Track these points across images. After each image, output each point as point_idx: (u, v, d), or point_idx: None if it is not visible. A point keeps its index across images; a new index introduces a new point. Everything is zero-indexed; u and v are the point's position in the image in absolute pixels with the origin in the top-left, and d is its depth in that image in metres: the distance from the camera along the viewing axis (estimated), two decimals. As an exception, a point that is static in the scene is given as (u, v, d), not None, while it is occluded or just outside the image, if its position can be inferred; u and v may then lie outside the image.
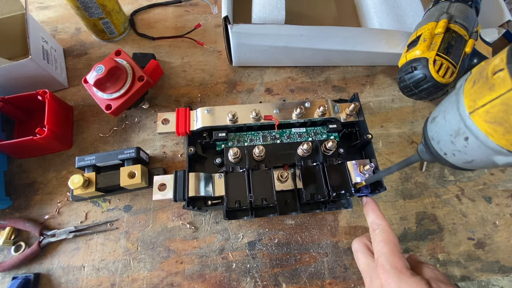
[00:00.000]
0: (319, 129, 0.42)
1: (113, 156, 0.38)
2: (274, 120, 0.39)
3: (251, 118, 0.39)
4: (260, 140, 0.41)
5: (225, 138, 0.39)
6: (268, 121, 0.39)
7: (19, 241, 0.38)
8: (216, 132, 0.39)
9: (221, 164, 0.38)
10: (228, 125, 0.39)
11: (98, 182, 0.37)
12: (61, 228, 0.38)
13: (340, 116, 0.41)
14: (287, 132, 0.42)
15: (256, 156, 0.36)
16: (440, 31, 0.35)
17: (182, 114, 0.40)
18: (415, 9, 0.48)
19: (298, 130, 0.42)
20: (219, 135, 0.38)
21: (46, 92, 0.39)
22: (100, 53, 0.49)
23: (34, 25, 0.42)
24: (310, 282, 0.36)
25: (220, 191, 0.36)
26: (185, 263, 0.37)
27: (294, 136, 0.41)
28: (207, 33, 0.52)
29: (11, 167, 0.41)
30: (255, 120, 0.39)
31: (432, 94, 0.37)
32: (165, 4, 0.54)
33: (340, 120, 0.41)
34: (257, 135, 0.41)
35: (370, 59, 0.48)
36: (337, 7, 0.55)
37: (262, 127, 0.41)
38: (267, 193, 0.34)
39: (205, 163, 0.40)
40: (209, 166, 0.40)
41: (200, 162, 0.40)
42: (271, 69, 0.49)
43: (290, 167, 0.38)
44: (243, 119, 0.39)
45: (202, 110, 0.39)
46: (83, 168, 0.38)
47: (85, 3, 0.42)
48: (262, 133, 0.41)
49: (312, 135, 0.42)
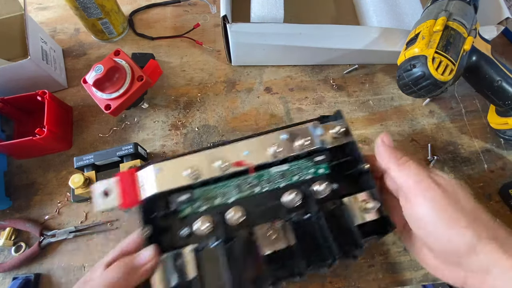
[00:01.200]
0: (304, 163, 0.32)
1: (111, 154, 0.37)
2: (246, 165, 0.30)
3: (216, 168, 0.30)
4: (235, 191, 0.31)
5: (189, 198, 0.30)
6: (238, 167, 0.30)
7: (19, 242, 0.38)
8: (175, 196, 0.29)
9: (190, 234, 0.29)
10: (190, 183, 0.29)
11: (98, 180, 0.37)
12: (61, 229, 0.38)
13: (325, 139, 0.32)
14: (266, 175, 0.32)
15: (235, 221, 0.28)
16: (439, 29, 0.35)
17: (127, 179, 0.30)
18: (414, 7, 0.48)
19: (279, 168, 0.32)
20: (178, 200, 0.29)
21: (46, 93, 0.39)
22: (99, 53, 0.49)
23: (33, 25, 0.42)
24: (310, 280, 0.36)
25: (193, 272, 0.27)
26: None
27: (275, 177, 0.32)
28: (206, 33, 0.52)
29: (11, 167, 0.41)
30: (222, 170, 0.30)
31: (431, 91, 0.37)
32: (164, 4, 0.54)
33: (326, 148, 0.32)
34: (229, 186, 0.31)
35: (369, 57, 0.48)
36: (335, 5, 0.55)
37: (234, 174, 0.31)
38: (254, 268, 0.27)
39: (169, 237, 0.29)
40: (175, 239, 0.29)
41: (163, 232, 0.29)
42: (270, 68, 0.49)
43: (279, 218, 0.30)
44: (207, 171, 0.30)
45: (152, 170, 0.29)
46: (82, 168, 0.38)
47: (84, 4, 0.42)
48: (236, 180, 0.31)
49: (297, 172, 0.32)
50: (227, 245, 0.27)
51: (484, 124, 0.46)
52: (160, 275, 0.27)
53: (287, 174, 0.32)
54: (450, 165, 0.43)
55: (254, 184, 0.31)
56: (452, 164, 0.43)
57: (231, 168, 0.30)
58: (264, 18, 0.41)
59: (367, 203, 0.29)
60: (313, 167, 0.33)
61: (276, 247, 0.28)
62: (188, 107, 0.46)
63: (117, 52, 0.40)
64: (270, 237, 0.28)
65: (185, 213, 0.30)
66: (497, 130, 0.43)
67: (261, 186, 0.31)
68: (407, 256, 0.38)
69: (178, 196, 0.29)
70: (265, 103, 0.46)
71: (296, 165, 0.33)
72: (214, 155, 0.30)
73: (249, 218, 0.29)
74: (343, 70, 0.49)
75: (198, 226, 0.27)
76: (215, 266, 0.27)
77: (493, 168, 0.43)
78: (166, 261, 0.27)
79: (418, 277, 0.37)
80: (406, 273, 0.37)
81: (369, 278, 0.37)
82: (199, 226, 0.27)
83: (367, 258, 0.37)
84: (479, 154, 0.44)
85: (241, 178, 0.32)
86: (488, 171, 0.43)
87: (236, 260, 0.27)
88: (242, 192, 0.31)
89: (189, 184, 0.30)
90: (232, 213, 0.28)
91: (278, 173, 0.32)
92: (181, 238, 0.29)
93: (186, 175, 0.29)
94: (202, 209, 0.30)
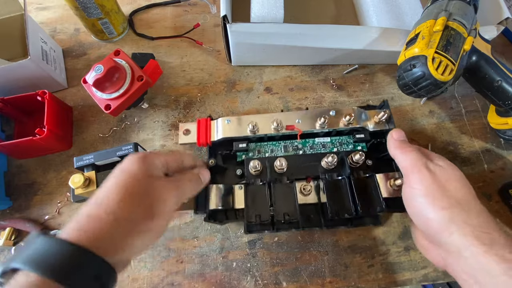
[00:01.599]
0: (345, 138, 0.39)
1: (111, 154, 0.37)
2: (296, 130, 0.37)
3: (272, 128, 0.37)
4: (282, 150, 0.39)
5: (245, 148, 0.37)
6: (290, 131, 0.37)
7: (20, 242, 0.38)
8: (236, 143, 0.37)
9: (242, 175, 0.37)
10: (249, 135, 0.37)
11: (98, 180, 0.37)
12: (62, 229, 0.38)
13: (368, 124, 0.38)
14: (310, 142, 0.39)
15: (278, 168, 0.35)
16: (439, 29, 0.35)
17: (203, 124, 0.39)
18: (414, 7, 0.48)
19: (322, 140, 0.39)
20: (239, 146, 0.37)
21: (46, 93, 0.39)
22: (99, 53, 0.49)
23: (33, 25, 0.42)
24: (310, 280, 0.36)
25: (240, 204, 0.34)
26: (186, 262, 0.37)
27: (317, 146, 0.39)
28: (206, 33, 0.52)
29: (11, 167, 0.41)
30: (276, 130, 0.37)
31: (431, 91, 0.37)
32: (164, 4, 0.54)
33: (368, 129, 0.38)
34: (278, 146, 0.39)
35: (369, 57, 0.48)
36: (335, 5, 0.55)
37: (283, 137, 0.39)
38: (289, 207, 0.33)
39: (226, 173, 0.39)
40: (230, 176, 0.38)
41: (221, 172, 0.39)
42: (270, 68, 0.49)
43: (314, 179, 0.36)
44: (264, 129, 0.37)
45: (223, 121, 0.38)
46: (82, 168, 0.38)
47: (84, 4, 0.42)
48: (283, 143, 0.39)
49: (337, 145, 0.39)
50: (271, 185, 0.34)
51: (484, 124, 0.46)
52: (215, 196, 0.34)
53: (328, 145, 0.39)
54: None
55: (299, 148, 0.39)
56: (452, 164, 0.43)
57: (283, 130, 0.37)
58: (264, 18, 0.41)
59: (395, 180, 0.33)
60: (352, 144, 0.39)
61: (308, 200, 0.35)
62: (188, 107, 0.46)
63: (117, 52, 0.40)
64: (305, 191, 0.35)
65: (241, 158, 0.38)
66: (497, 130, 0.43)
67: (304, 150, 0.39)
68: (407, 256, 0.38)
69: (238, 144, 0.37)
70: (265, 103, 0.46)
71: (338, 139, 0.39)
72: (274, 117, 0.37)
73: (291, 171, 0.35)
74: (343, 70, 0.49)
75: (249, 167, 0.34)
76: (258, 200, 0.34)
77: (493, 168, 0.43)
78: (221, 188, 0.35)
79: (418, 277, 0.37)
80: (406, 273, 0.37)
81: (369, 278, 0.37)
82: (251, 167, 0.34)
83: (367, 258, 0.37)
84: (479, 154, 0.44)
85: (289, 141, 0.39)
86: (488, 171, 0.43)
87: (277, 198, 0.33)
88: (288, 152, 0.39)
89: (248, 136, 0.38)
90: (278, 162, 0.34)
91: (321, 143, 0.39)
92: (235, 176, 0.38)
93: (248, 129, 0.37)
94: (255, 157, 0.38)
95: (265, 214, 0.33)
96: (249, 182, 0.35)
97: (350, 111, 0.38)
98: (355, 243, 0.38)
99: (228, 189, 0.35)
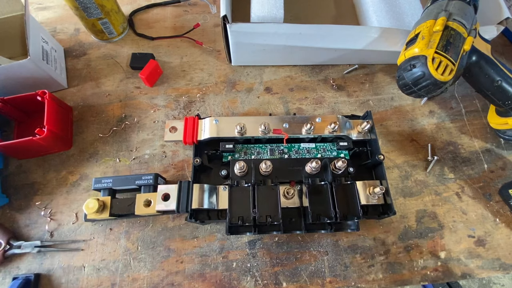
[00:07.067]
0: (329, 145, 0.41)
1: (130, 181, 0.37)
2: (283, 134, 0.38)
3: (259, 131, 0.38)
4: (268, 154, 0.40)
5: (232, 149, 0.38)
6: (276, 135, 0.38)
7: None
8: (223, 143, 0.38)
9: (227, 176, 0.38)
10: (236, 136, 0.38)
11: (113, 206, 0.36)
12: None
13: (351, 133, 0.40)
14: (296, 147, 0.41)
15: (263, 171, 0.35)
16: (439, 29, 0.35)
17: (190, 123, 0.39)
18: (414, 7, 0.48)
19: (307, 145, 0.41)
20: (226, 146, 0.38)
21: (46, 93, 0.39)
22: (99, 54, 0.49)
23: (34, 25, 0.42)
24: (310, 280, 0.36)
25: (224, 204, 0.35)
26: (186, 262, 0.37)
27: (302, 151, 0.40)
28: (206, 33, 0.52)
29: (11, 167, 0.41)
30: (263, 133, 0.38)
31: (431, 91, 0.37)
32: (164, 4, 0.54)
33: (351, 138, 0.40)
34: (264, 148, 0.40)
35: (369, 57, 0.48)
36: (335, 5, 0.55)
37: (270, 140, 0.40)
38: (272, 210, 0.33)
39: (211, 173, 0.39)
40: (215, 177, 0.39)
41: (206, 172, 0.39)
42: (270, 68, 0.49)
43: (297, 184, 0.37)
44: (252, 131, 0.38)
45: (211, 120, 0.39)
46: (99, 190, 0.37)
47: (84, 4, 0.42)
48: (270, 146, 0.40)
49: (321, 151, 0.41)
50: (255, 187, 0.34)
51: (484, 124, 0.46)
52: (198, 195, 0.34)
53: (312, 151, 0.41)
54: (450, 165, 0.43)
55: (285, 152, 0.40)
56: (452, 164, 0.43)
57: (270, 133, 0.38)
58: (264, 18, 0.41)
59: (374, 188, 0.35)
60: (336, 151, 0.41)
61: (290, 204, 0.36)
62: (188, 107, 0.46)
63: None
64: (288, 195, 0.35)
65: (227, 159, 0.39)
66: (497, 130, 0.43)
67: (290, 155, 0.40)
68: (407, 256, 0.38)
69: (225, 145, 0.38)
70: (265, 103, 0.46)
71: (322, 146, 0.41)
72: (261, 120, 0.38)
73: (275, 174, 0.36)
74: (343, 70, 0.49)
75: (235, 168, 0.35)
76: (242, 201, 0.34)
77: (493, 168, 0.43)
78: (205, 188, 0.35)
79: (418, 277, 0.37)
80: (406, 273, 0.37)
81: (369, 278, 0.37)
82: (236, 168, 0.35)
83: (367, 258, 0.37)
84: (479, 154, 0.44)
85: (275, 145, 0.41)
86: (488, 171, 0.43)
87: (260, 200, 0.34)
88: (274, 155, 0.40)
89: (235, 138, 0.38)
90: (264, 164, 0.35)
91: (306, 149, 0.41)
92: (220, 176, 0.38)
93: (236, 130, 0.37)
94: (241, 159, 0.39)
95: (248, 216, 0.33)
96: (234, 183, 0.35)
97: (335, 119, 0.40)
98: (355, 243, 0.38)
99: (212, 189, 0.36)
